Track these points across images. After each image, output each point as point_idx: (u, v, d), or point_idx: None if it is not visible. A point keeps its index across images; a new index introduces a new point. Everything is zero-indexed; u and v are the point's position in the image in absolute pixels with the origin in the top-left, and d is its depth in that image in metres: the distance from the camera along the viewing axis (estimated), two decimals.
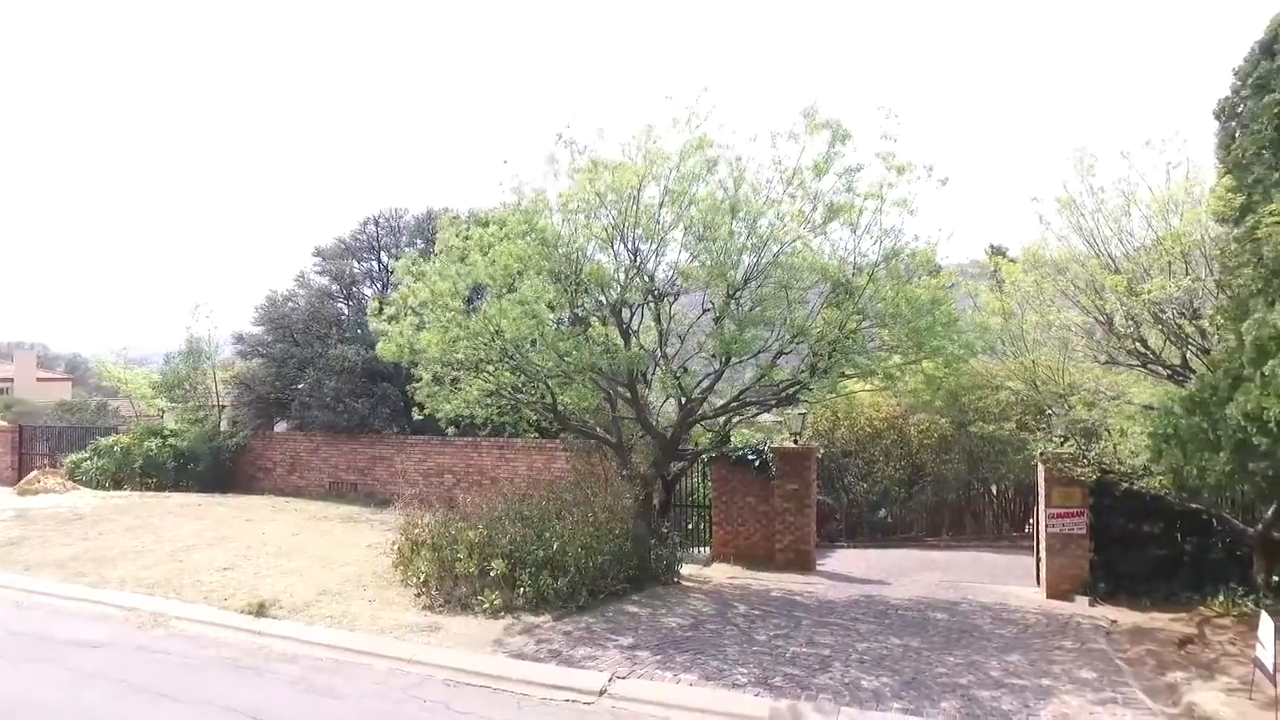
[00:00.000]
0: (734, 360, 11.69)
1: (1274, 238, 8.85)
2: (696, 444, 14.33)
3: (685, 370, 12.25)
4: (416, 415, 13.63)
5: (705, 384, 12.49)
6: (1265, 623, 7.67)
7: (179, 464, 21.88)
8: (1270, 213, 9.26)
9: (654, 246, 11.33)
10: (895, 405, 20.67)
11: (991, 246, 24.86)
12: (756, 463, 15.95)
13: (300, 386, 22.29)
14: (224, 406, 24.41)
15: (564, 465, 17.69)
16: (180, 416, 23.83)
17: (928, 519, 21.71)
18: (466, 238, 11.87)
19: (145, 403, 25.56)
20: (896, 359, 11.67)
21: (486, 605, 10.51)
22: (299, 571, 12.47)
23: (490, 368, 12.20)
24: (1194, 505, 12.15)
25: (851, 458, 21.33)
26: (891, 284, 11.07)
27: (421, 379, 13.09)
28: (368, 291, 23.60)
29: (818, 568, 16.23)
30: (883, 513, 21.50)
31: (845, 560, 17.69)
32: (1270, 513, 12.28)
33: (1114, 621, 11.87)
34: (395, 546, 12.03)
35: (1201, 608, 12.29)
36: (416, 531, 11.79)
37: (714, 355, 11.80)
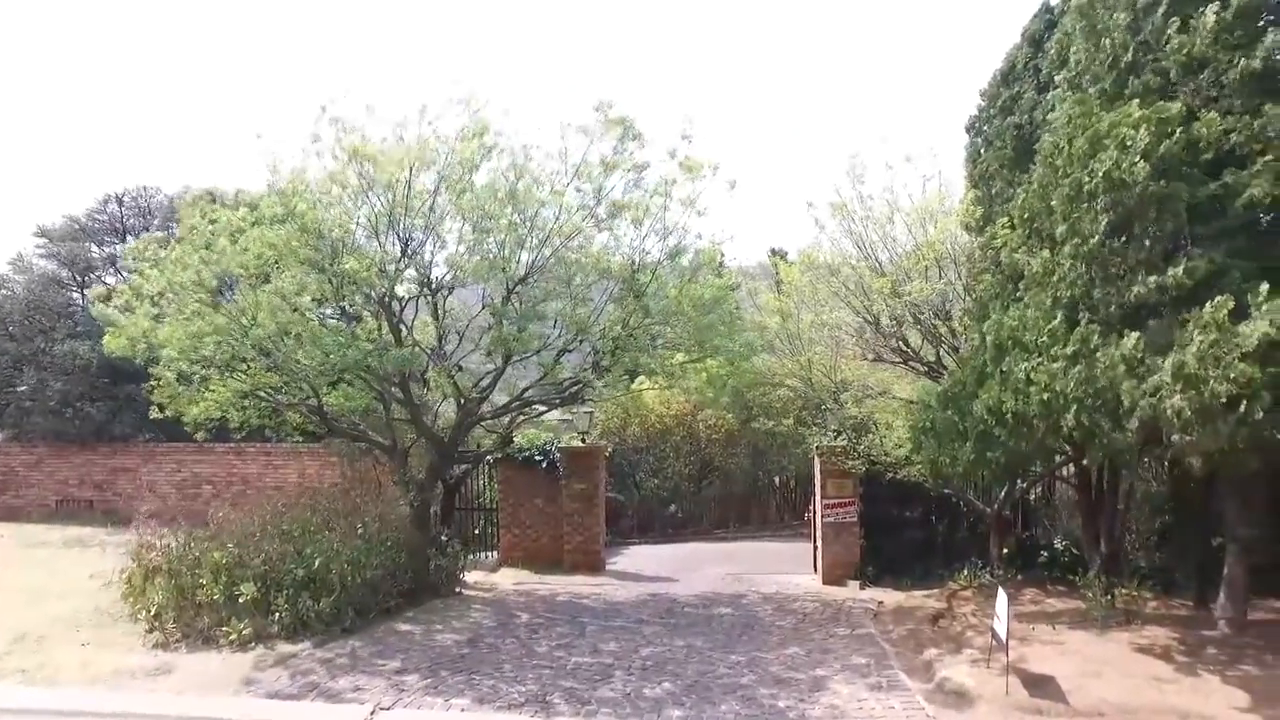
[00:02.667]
0: (515, 358, 11.11)
1: (1009, 246, 9.56)
2: (479, 446, 13.59)
3: (461, 369, 11.48)
4: (155, 415, 11.87)
5: (485, 383, 11.78)
6: (1000, 597, 8.22)
7: None
8: (1004, 224, 10.03)
9: (429, 237, 10.49)
10: (685, 402, 20.97)
11: (772, 250, 26.03)
12: (544, 463, 15.46)
13: (21, 389, 19.01)
14: None
15: (341, 471, 16.28)
16: None
17: (716, 511, 22.24)
18: (213, 221, 10.41)
19: None
20: (680, 357, 11.59)
21: (234, 637, 9.20)
22: None
23: (244, 366, 10.80)
24: (946, 491, 13.11)
25: (643, 454, 21.42)
26: (676, 282, 10.95)
27: (161, 378, 11.40)
28: (111, 280, 20.61)
29: (608, 567, 16.03)
30: (673, 508, 21.76)
31: (636, 558, 17.65)
32: (1002, 494, 13.55)
33: (880, 603, 12.54)
34: (124, 575, 10.32)
35: (951, 583, 13.31)
36: (151, 556, 10.17)
37: (490, 352, 11.14)
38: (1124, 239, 8.46)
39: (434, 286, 10.89)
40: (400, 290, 10.86)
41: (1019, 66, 12.41)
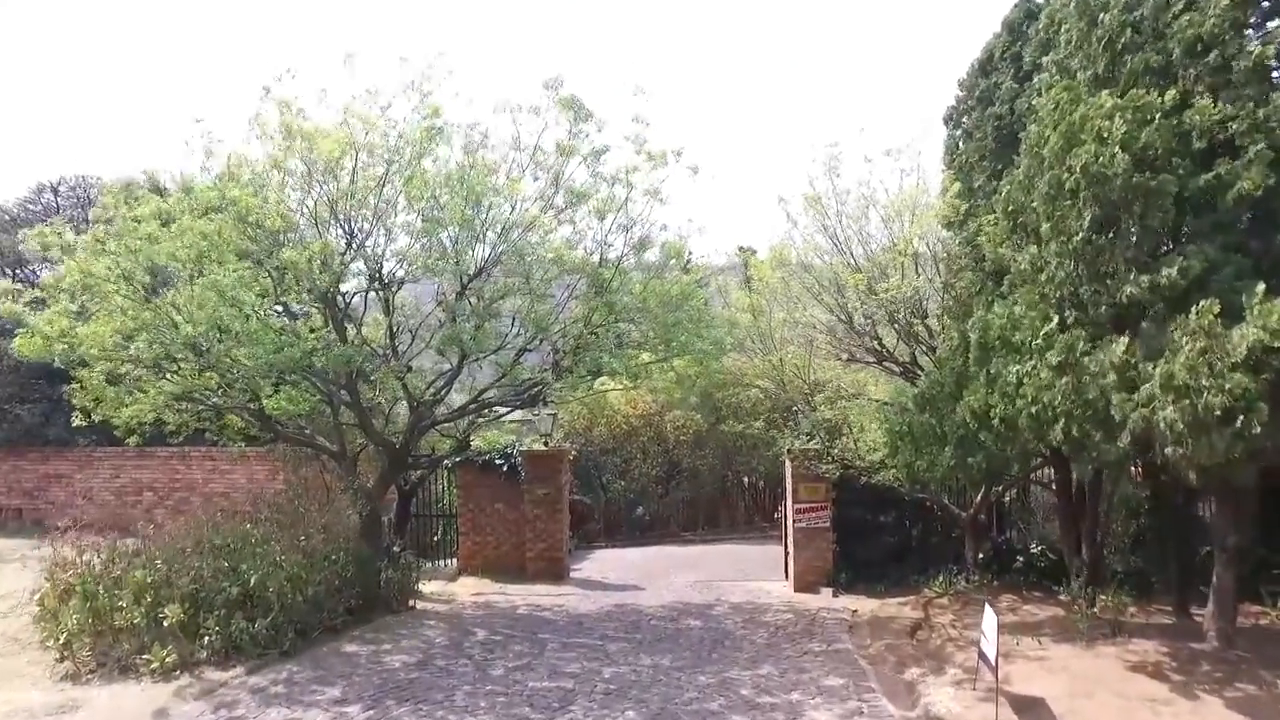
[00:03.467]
0: (470, 358, 10.37)
1: (993, 241, 9.04)
2: (435, 450, 12.81)
3: (411, 369, 10.69)
4: (78, 421, 10.96)
5: (440, 385, 11.01)
6: (989, 616, 7.69)
7: None
8: (989, 221, 9.52)
9: (376, 227, 9.71)
10: (652, 402, 20.41)
11: (741, 248, 25.47)
12: (505, 467, 14.73)
13: None
14: None
15: (286, 479, 15.39)
16: None
17: (685, 513, 21.69)
18: (135, 208, 9.53)
19: None
20: (646, 356, 10.94)
21: (156, 665, 8.35)
22: None
23: (174, 366, 9.93)
24: (920, 495, 12.64)
25: (609, 456, 20.82)
26: (641, 277, 10.30)
27: (83, 380, 10.50)
28: (47, 275, 19.41)
29: (573, 574, 15.37)
30: (641, 510, 21.16)
31: (602, 563, 17.01)
32: (978, 499, 13.12)
33: (855, 612, 12.02)
34: (36, 596, 9.42)
35: (926, 589, 12.89)
36: (67, 575, 9.28)
37: (442, 351, 10.39)
38: (1110, 235, 7.98)
39: (383, 281, 10.10)
40: (347, 285, 10.06)
41: (998, 55, 11.94)
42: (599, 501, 20.77)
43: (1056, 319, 8.06)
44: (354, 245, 9.73)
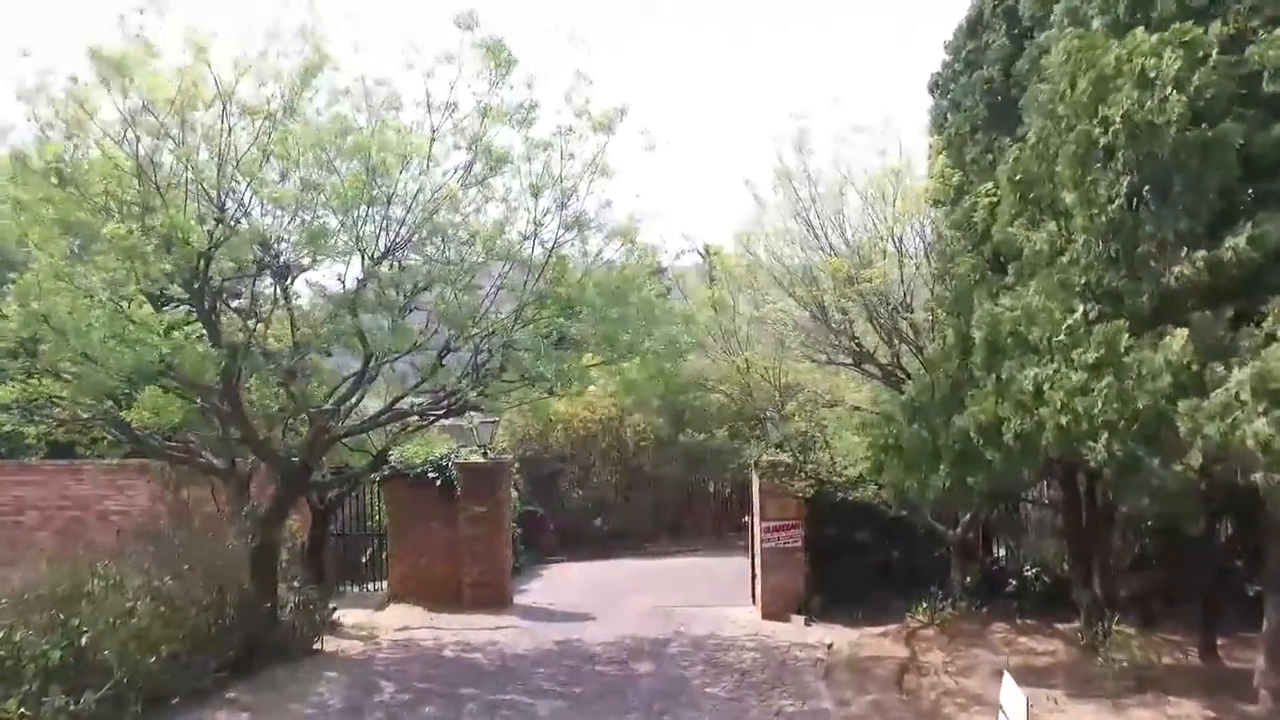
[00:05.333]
0: (380, 359, 8.38)
1: (999, 219, 7.23)
2: (347, 465, 10.79)
3: (298, 374, 8.67)
4: None
5: (344, 391, 8.97)
6: (1008, 688, 5.91)
7: None
8: (985, 192, 7.74)
9: (252, 194, 7.68)
10: (611, 406, 18.54)
11: (706, 248, 23.59)
12: (439, 481, 12.75)
13: None
14: None
15: (200, 493, 13.22)
16: None
17: (647, 524, 19.80)
18: None
19: None
20: (588, 358, 9.02)
21: None
22: None
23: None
24: (903, 512, 10.89)
25: (566, 463, 18.90)
26: (582, 264, 8.38)
27: None
28: None
29: (520, 596, 13.49)
30: (600, 520, 19.25)
31: (555, 581, 15.12)
32: (968, 518, 11.39)
33: (830, 647, 10.30)
34: None
35: (908, 615, 11.24)
36: None
37: (328, 351, 8.41)
38: (1153, 204, 6.24)
39: (277, 267, 8.07)
40: (220, 268, 8.01)
41: (989, 13, 10.19)
42: (555, 512, 18.87)
43: (1081, 310, 6.30)
44: (227, 220, 7.66)
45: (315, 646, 9.87)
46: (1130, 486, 5.83)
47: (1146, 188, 6.16)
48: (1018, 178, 6.90)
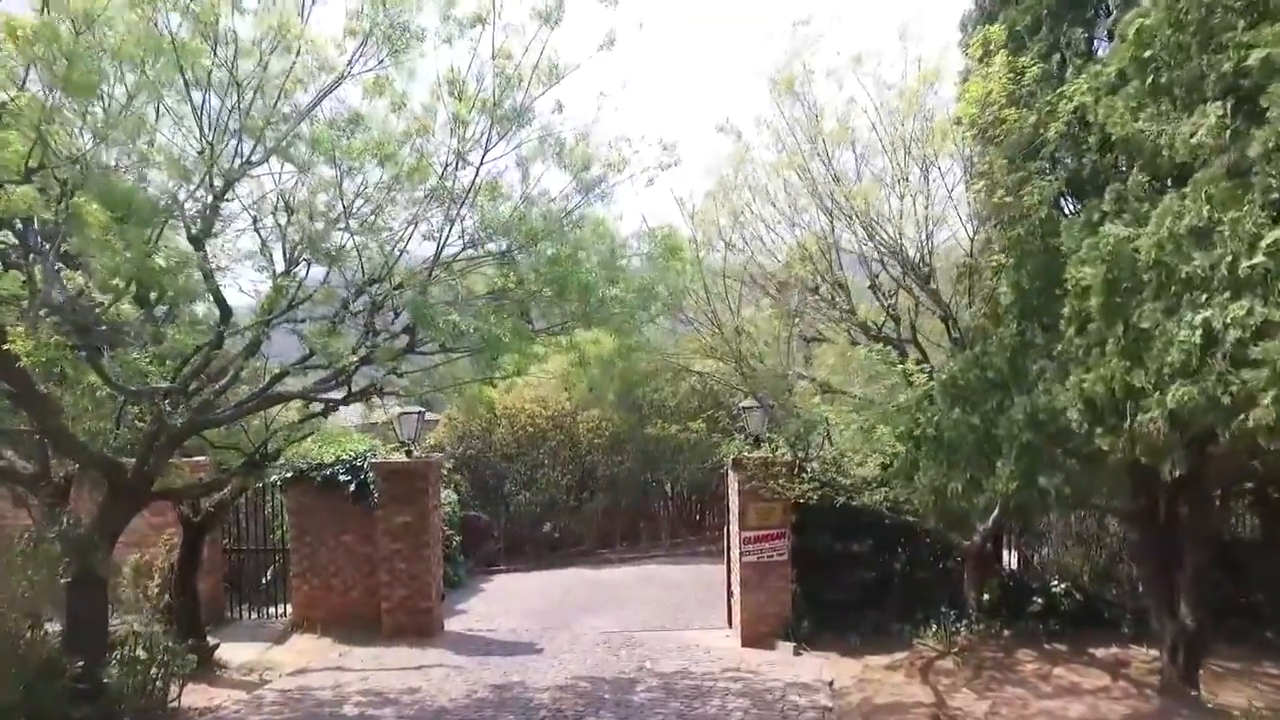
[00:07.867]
0: (232, 327, 5.76)
1: (1116, 114, 4.96)
2: (221, 465, 8.10)
3: (118, 345, 5.94)
4: None
5: (188, 371, 6.26)
6: None
7: None
8: (1083, 92, 5.48)
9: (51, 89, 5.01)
10: (564, 400, 16.07)
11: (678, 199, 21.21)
12: (353, 485, 10.12)
13: None
14: None
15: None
16: None
17: (600, 528, 17.37)
18: None
19: None
20: (541, 323, 6.53)
21: None
22: None
23: None
24: (909, 518, 8.69)
25: (512, 463, 16.39)
26: (521, 191, 5.91)
27: None
28: None
29: (454, 617, 11.12)
30: (549, 526, 16.78)
31: (497, 598, 12.63)
32: (988, 523, 9.20)
33: (831, 685, 8.06)
34: None
35: (917, 642, 9.21)
36: None
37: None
38: None
39: (62, 187, 5.35)
40: None
41: None
42: (499, 517, 16.33)
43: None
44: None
45: (173, 704, 7.19)
46: None
47: None
48: (1144, 56, 4.65)
